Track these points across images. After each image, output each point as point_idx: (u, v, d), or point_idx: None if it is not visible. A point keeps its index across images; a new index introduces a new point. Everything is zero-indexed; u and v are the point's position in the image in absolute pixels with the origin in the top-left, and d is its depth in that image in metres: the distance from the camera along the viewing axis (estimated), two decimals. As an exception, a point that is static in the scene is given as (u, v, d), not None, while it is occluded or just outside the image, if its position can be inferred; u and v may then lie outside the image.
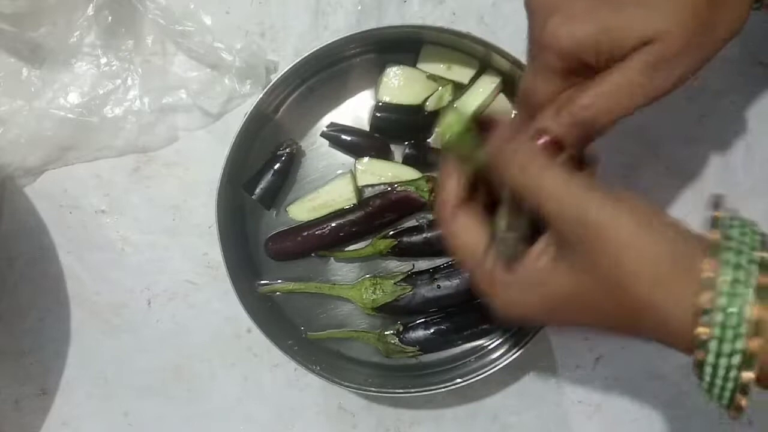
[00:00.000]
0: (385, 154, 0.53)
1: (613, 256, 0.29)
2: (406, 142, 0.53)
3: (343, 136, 0.53)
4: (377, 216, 0.52)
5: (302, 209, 0.53)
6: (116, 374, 0.56)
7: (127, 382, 0.56)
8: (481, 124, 0.35)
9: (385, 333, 0.53)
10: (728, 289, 0.27)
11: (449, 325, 0.53)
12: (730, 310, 0.27)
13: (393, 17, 0.55)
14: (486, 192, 0.36)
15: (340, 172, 0.54)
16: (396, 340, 0.53)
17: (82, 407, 0.56)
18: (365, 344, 0.54)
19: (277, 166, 0.53)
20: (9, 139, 0.54)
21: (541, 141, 0.33)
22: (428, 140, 0.54)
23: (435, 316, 0.53)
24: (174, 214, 0.56)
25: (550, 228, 0.31)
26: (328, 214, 0.53)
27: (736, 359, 0.27)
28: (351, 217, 0.52)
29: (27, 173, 0.55)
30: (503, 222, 0.34)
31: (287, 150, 0.52)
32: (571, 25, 0.33)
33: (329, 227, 0.52)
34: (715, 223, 0.29)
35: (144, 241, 0.56)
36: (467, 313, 0.53)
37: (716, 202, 0.30)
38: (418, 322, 0.53)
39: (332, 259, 0.54)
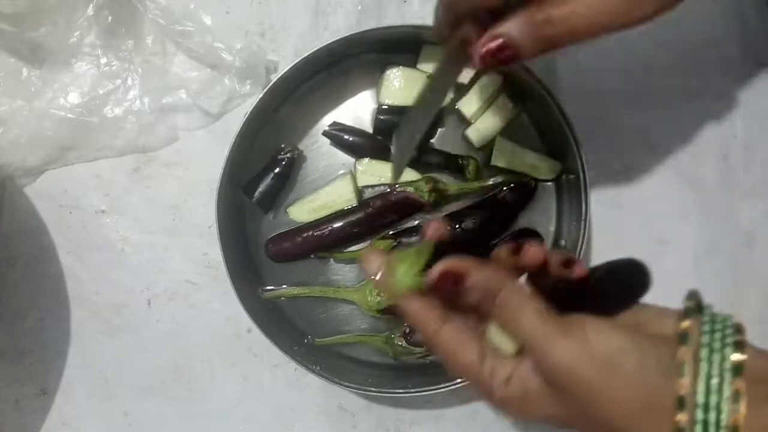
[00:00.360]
0: (385, 155, 0.53)
1: (585, 401, 0.29)
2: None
3: (345, 136, 0.53)
4: (377, 217, 0.52)
5: (302, 210, 0.53)
6: (116, 374, 0.56)
7: (127, 382, 0.56)
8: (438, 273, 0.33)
9: (393, 336, 0.53)
10: (702, 399, 0.26)
11: None
12: (708, 419, 0.26)
13: (393, 17, 0.55)
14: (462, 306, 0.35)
15: (341, 172, 0.54)
16: (403, 342, 0.53)
17: (82, 407, 0.56)
18: (365, 344, 0.54)
19: (277, 169, 0.53)
20: (9, 139, 0.54)
21: (495, 44, 0.34)
22: (431, 141, 0.54)
23: None
24: (174, 214, 0.56)
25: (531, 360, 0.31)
26: (328, 216, 0.53)
27: None
28: (351, 218, 0.53)
29: (27, 173, 0.55)
30: (495, 337, 0.33)
31: (288, 155, 0.52)
32: None
33: (329, 228, 0.53)
34: (684, 313, 0.29)
35: (144, 241, 0.56)
36: None
37: (690, 296, 0.30)
38: None
39: (332, 259, 0.54)
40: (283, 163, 0.53)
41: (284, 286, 0.54)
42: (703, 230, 0.54)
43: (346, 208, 0.53)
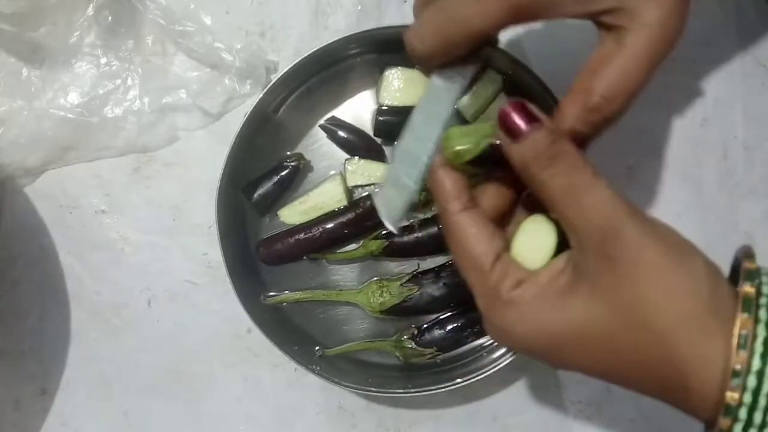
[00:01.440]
0: (377, 156, 0.53)
1: (639, 283, 0.26)
2: (395, 143, 0.53)
3: (340, 132, 0.53)
4: (368, 217, 0.52)
5: (293, 212, 0.53)
6: (116, 374, 0.56)
7: (127, 382, 0.56)
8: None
9: (402, 339, 0.53)
10: (765, 351, 0.24)
11: (464, 321, 0.52)
12: (765, 378, 0.24)
13: (393, 17, 0.55)
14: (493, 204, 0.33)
15: (332, 173, 0.54)
16: (413, 344, 0.52)
17: (82, 407, 0.56)
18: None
19: (279, 176, 0.53)
20: (9, 139, 0.54)
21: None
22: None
23: (447, 314, 0.53)
24: (174, 214, 0.56)
25: (577, 244, 0.28)
26: (319, 217, 0.53)
27: None
28: (342, 218, 0.52)
29: (27, 173, 0.55)
30: (523, 248, 0.30)
31: (293, 163, 0.52)
32: None
33: (320, 229, 0.52)
34: (747, 275, 0.26)
35: (144, 241, 0.56)
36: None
37: (747, 253, 0.28)
38: (431, 322, 0.53)
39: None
40: (287, 170, 0.53)
41: (286, 291, 0.54)
42: (703, 230, 0.54)
43: (336, 209, 0.53)
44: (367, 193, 0.53)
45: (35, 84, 0.54)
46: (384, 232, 0.53)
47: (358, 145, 0.53)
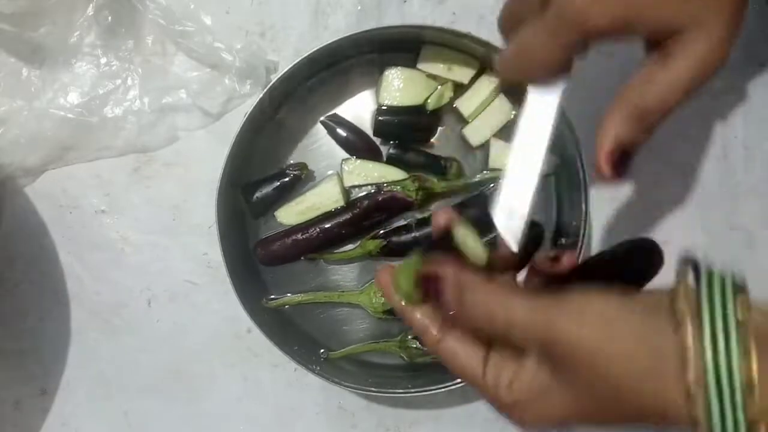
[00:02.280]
0: (375, 156, 0.53)
1: (590, 370, 0.28)
2: (392, 142, 0.53)
3: (340, 130, 0.53)
4: (365, 217, 0.52)
5: (290, 213, 0.53)
6: (116, 374, 0.56)
7: (127, 382, 0.56)
8: (425, 277, 0.33)
9: (406, 339, 0.53)
10: (711, 357, 0.25)
11: None
12: (721, 377, 0.25)
13: (393, 17, 0.55)
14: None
15: (329, 173, 0.54)
16: (417, 344, 0.53)
17: (82, 407, 0.56)
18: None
19: (280, 182, 0.53)
20: (9, 139, 0.54)
21: (615, 157, 0.34)
22: (432, 140, 0.54)
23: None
24: (174, 214, 0.56)
25: (532, 353, 0.31)
26: (316, 217, 0.53)
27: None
28: (339, 219, 0.52)
29: (27, 173, 0.55)
30: (468, 241, 0.33)
31: (296, 172, 0.52)
32: (603, 5, 0.31)
33: (318, 230, 0.52)
34: (681, 283, 0.28)
35: (144, 241, 0.56)
36: None
37: (686, 259, 0.29)
38: None
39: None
40: (288, 178, 0.53)
41: (288, 294, 0.54)
42: (703, 230, 0.54)
43: (333, 209, 0.53)
44: (365, 192, 0.53)
45: (35, 84, 0.54)
46: (381, 231, 0.53)
47: (357, 144, 0.53)
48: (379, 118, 0.52)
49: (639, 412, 0.28)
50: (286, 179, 0.53)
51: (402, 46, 0.52)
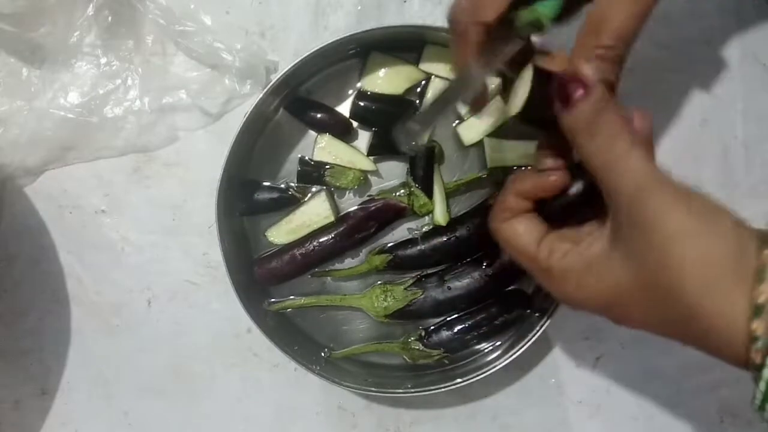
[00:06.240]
0: (346, 129, 0.53)
1: (663, 249, 0.28)
2: (374, 129, 0.53)
3: (310, 112, 0.53)
4: (360, 228, 0.52)
5: (281, 232, 0.53)
6: (116, 374, 0.56)
7: (127, 382, 0.56)
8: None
9: (409, 340, 0.53)
10: None
11: (471, 323, 0.52)
12: None
13: (393, 17, 0.55)
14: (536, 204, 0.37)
15: (315, 189, 0.53)
16: (420, 346, 0.52)
17: (82, 407, 0.56)
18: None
19: (279, 195, 0.53)
20: (9, 139, 0.54)
21: (582, 90, 0.33)
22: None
23: (454, 316, 0.53)
24: (174, 214, 0.56)
25: (613, 209, 0.31)
26: (310, 233, 0.53)
27: None
28: (334, 231, 0.52)
29: (27, 173, 0.55)
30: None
31: (297, 194, 0.52)
32: None
33: (315, 243, 0.52)
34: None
35: (144, 241, 0.56)
36: (488, 308, 0.52)
37: None
38: (438, 324, 0.53)
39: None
40: (284, 195, 0.53)
41: (291, 297, 0.54)
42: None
43: (324, 225, 0.52)
44: (354, 208, 0.53)
45: (35, 84, 0.54)
46: (388, 245, 0.53)
47: (328, 121, 0.53)
48: (358, 102, 0.52)
49: (687, 326, 0.28)
50: (284, 196, 0.53)
51: (402, 46, 0.52)
